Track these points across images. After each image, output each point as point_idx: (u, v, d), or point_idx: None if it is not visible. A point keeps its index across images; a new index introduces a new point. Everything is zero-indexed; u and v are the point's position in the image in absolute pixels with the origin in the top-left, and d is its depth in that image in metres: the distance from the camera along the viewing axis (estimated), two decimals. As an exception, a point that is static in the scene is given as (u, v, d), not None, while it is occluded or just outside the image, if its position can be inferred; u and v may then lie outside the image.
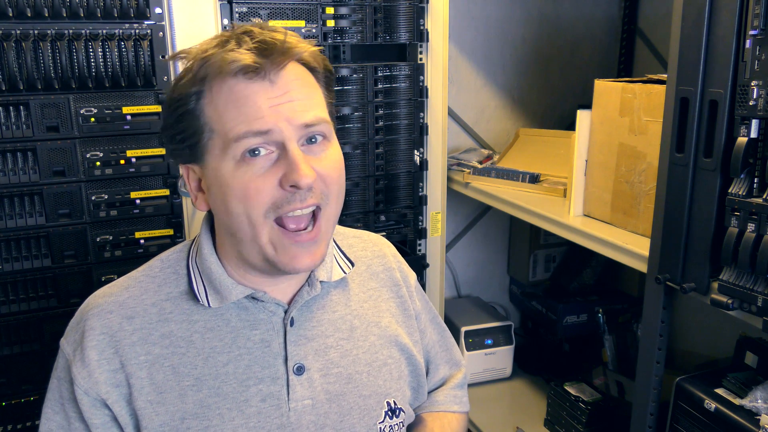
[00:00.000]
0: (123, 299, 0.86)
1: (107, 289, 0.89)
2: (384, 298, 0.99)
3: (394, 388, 0.95)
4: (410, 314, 1.02)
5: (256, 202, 0.77)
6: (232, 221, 0.80)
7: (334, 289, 0.94)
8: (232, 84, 0.77)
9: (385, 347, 0.95)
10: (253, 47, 0.76)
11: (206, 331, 0.85)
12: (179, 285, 0.87)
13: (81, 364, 0.82)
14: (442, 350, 1.11)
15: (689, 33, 1.05)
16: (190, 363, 0.83)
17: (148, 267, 0.90)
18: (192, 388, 0.83)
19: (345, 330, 0.93)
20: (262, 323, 0.87)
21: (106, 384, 0.81)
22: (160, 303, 0.86)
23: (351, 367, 0.91)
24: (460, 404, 1.10)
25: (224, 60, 0.76)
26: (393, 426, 0.93)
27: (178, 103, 0.80)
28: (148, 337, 0.84)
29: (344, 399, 0.89)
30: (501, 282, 2.29)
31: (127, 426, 0.82)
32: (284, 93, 0.77)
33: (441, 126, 1.69)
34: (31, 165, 1.28)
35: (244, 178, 0.77)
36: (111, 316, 0.84)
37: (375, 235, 1.08)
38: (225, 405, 0.83)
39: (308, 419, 0.86)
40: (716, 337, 1.68)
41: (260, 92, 0.77)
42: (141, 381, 0.82)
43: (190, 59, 0.80)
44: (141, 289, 0.87)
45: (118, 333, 0.83)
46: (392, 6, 1.56)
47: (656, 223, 1.16)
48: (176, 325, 0.85)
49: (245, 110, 0.76)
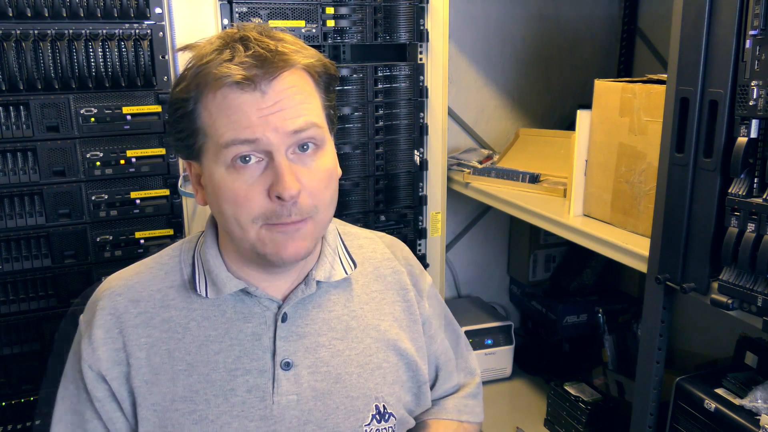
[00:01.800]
0: (132, 283, 0.90)
1: (123, 272, 0.93)
2: (388, 301, 0.99)
3: (387, 392, 0.94)
4: (416, 319, 1.01)
5: (246, 209, 0.80)
6: (224, 220, 0.83)
7: (335, 289, 0.95)
8: (225, 92, 0.78)
9: (382, 350, 0.95)
10: (245, 59, 0.77)
11: (203, 320, 0.88)
12: (184, 274, 0.91)
13: (88, 341, 0.87)
14: (456, 357, 1.10)
15: (689, 33, 1.05)
16: (184, 349, 0.87)
17: (160, 255, 0.95)
18: (183, 373, 0.86)
19: (340, 330, 0.93)
20: (255, 317, 0.89)
21: (108, 361, 0.86)
22: (164, 290, 0.90)
23: (341, 367, 0.92)
24: (471, 414, 1.08)
25: (216, 73, 0.77)
26: (380, 430, 0.93)
27: (177, 105, 0.83)
28: (149, 321, 0.88)
29: (330, 398, 0.90)
30: (501, 282, 2.29)
31: (124, 402, 0.86)
32: (275, 103, 0.78)
33: (441, 126, 1.69)
34: (31, 165, 1.28)
35: (234, 184, 0.80)
36: (119, 299, 0.89)
37: (390, 238, 1.08)
38: (212, 392, 0.86)
39: (291, 414, 0.88)
40: (716, 337, 1.68)
41: (251, 102, 0.78)
42: (139, 361, 0.86)
43: (190, 62, 0.82)
44: (150, 275, 0.91)
45: (124, 315, 0.88)
46: (392, 6, 1.56)
47: (656, 223, 1.16)
48: (176, 312, 0.89)
49: (235, 119, 0.78)
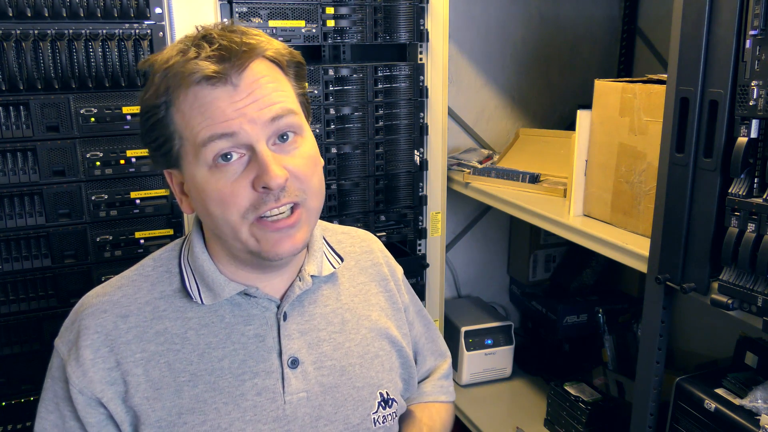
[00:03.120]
0: (117, 298, 0.87)
1: (101, 289, 0.89)
2: (373, 292, 1.02)
3: (386, 379, 0.97)
4: (399, 307, 1.04)
5: (233, 206, 0.79)
6: (213, 222, 0.82)
7: (325, 284, 0.96)
8: (197, 91, 0.78)
9: (376, 340, 0.98)
10: (211, 54, 0.77)
11: (201, 328, 0.86)
12: (172, 283, 0.88)
13: (76, 363, 0.83)
14: (428, 341, 1.14)
15: (689, 33, 1.05)
16: (185, 359, 0.85)
17: (141, 266, 0.91)
18: (188, 384, 0.84)
19: (337, 323, 0.94)
20: (255, 318, 0.88)
21: (101, 382, 0.82)
22: (153, 301, 0.87)
23: (344, 360, 0.93)
24: (447, 394, 1.13)
25: (184, 71, 0.77)
26: (386, 416, 0.95)
27: (148, 114, 0.81)
28: (143, 335, 0.85)
29: (338, 391, 0.91)
30: (501, 282, 2.29)
31: (123, 423, 0.83)
32: (248, 94, 0.78)
33: (441, 126, 1.69)
34: (31, 165, 1.28)
35: (218, 184, 0.78)
36: (105, 315, 0.85)
37: (363, 231, 1.11)
38: (221, 399, 0.84)
39: (303, 411, 0.88)
40: (716, 337, 1.68)
41: (224, 97, 0.77)
42: (137, 378, 0.83)
43: (154, 70, 0.81)
44: (135, 287, 0.88)
45: (113, 332, 0.84)
46: (392, 6, 1.56)
47: (656, 223, 1.16)
48: (170, 323, 0.86)
49: (209, 114, 0.77)
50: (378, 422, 0.94)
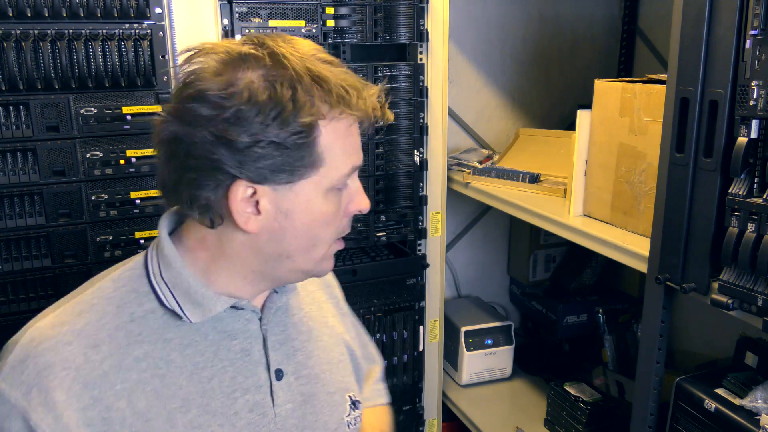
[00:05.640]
0: (80, 327, 0.76)
1: (53, 318, 0.78)
2: (323, 299, 1.03)
3: (350, 382, 0.99)
4: (345, 312, 1.07)
5: (335, 228, 0.83)
6: (300, 243, 0.81)
7: (287, 294, 0.94)
8: (351, 122, 0.81)
9: (337, 345, 0.99)
10: (366, 97, 0.80)
11: (184, 348, 0.80)
12: (142, 304, 0.80)
13: (45, 410, 0.71)
14: (361, 347, 1.12)
15: (689, 33, 1.05)
16: (173, 383, 0.78)
17: (98, 289, 0.81)
18: (180, 410, 0.78)
19: (305, 332, 0.94)
20: (239, 332, 0.85)
21: (78, 426, 0.72)
22: (125, 325, 0.78)
23: (316, 367, 0.93)
24: (384, 396, 1.16)
25: (357, 105, 0.78)
26: (356, 418, 0.97)
27: (300, 131, 0.75)
28: (121, 363, 0.76)
29: (316, 398, 0.91)
30: (501, 282, 2.29)
31: None
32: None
33: (441, 126, 1.69)
34: (31, 165, 1.28)
35: (329, 207, 0.81)
36: (71, 348, 0.74)
37: None
38: (216, 422, 0.80)
39: (291, 423, 0.87)
40: (716, 337, 1.68)
41: (356, 126, 0.82)
42: (121, 412, 0.74)
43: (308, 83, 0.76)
44: (98, 313, 0.78)
45: (85, 365, 0.74)
46: (392, 6, 1.56)
47: (656, 223, 1.16)
48: (150, 346, 0.78)
49: (351, 142, 0.81)
50: (351, 425, 0.96)
